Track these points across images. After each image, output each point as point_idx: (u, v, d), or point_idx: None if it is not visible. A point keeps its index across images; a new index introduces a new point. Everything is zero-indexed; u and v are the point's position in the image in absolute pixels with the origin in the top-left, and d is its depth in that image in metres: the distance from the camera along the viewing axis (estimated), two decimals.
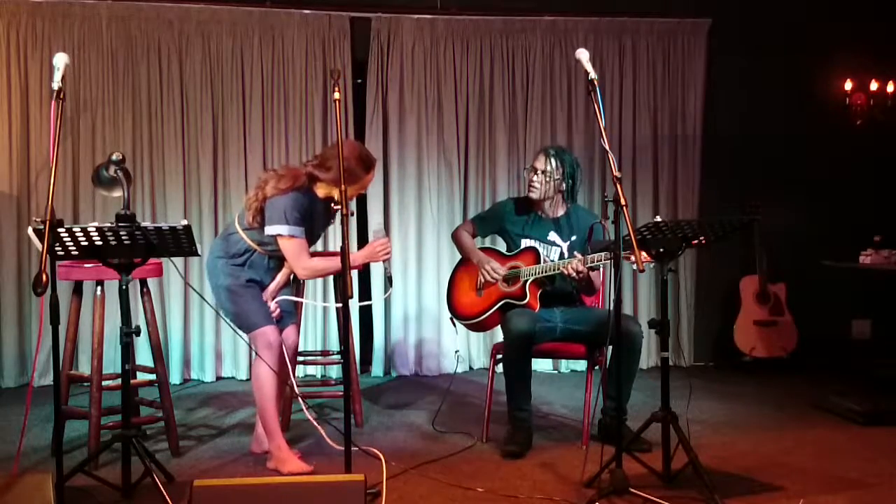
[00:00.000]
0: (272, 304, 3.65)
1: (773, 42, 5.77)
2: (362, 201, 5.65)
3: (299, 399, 3.75)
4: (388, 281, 3.57)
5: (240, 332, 3.62)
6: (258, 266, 3.60)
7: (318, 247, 4.78)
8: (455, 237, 4.26)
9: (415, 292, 5.71)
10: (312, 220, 3.57)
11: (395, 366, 5.73)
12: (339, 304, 3.97)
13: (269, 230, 3.46)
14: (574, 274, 3.74)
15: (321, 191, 3.57)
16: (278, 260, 3.64)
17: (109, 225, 2.97)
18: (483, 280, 4.00)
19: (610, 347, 3.83)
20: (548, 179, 3.99)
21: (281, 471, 3.46)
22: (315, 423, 3.63)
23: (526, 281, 3.91)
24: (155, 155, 5.40)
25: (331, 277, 4.98)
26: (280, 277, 3.71)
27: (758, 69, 5.80)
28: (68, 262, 3.48)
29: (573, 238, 4.05)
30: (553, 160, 3.98)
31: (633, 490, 3.12)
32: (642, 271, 3.06)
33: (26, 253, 5.26)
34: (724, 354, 5.82)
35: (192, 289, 5.28)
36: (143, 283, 3.80)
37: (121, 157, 3.56)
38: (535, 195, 4.04)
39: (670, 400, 3.27)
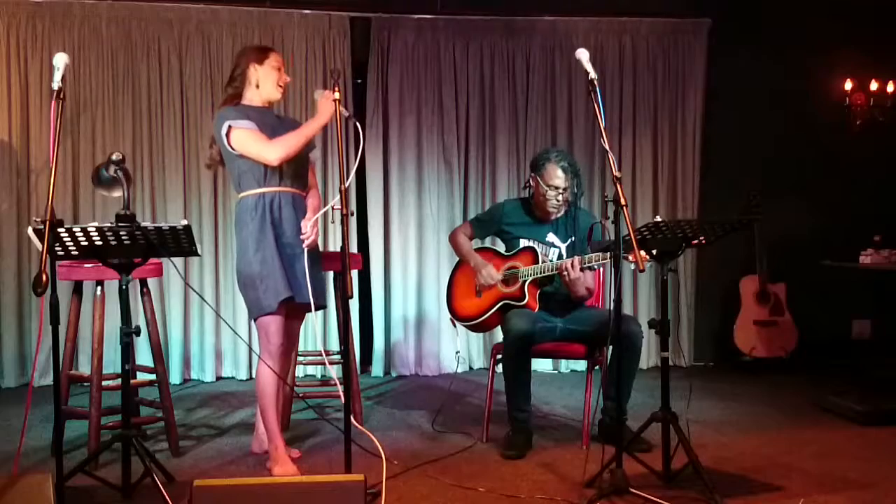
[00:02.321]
0: (309, 227, 3.46)
1: (773, 42, 5.77)
2: (362, 201, 5.66)
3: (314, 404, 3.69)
4: (350, 119, 3.40)
5: (239, 334, 3.59)
6: (277, 211, 3.41)
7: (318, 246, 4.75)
8: (452, 240, 4.26)
9: (415, 292, 5.71)
10: (263, 123, 3.42)
11: (395, 366, 5.73)
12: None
13: (223, 138, 3.35)
14: (568, 275, 3.74)
15: (255, 97, 3.48)
16: (291, 198, 3.46)
17: (109, 225, 2.97)
18: (480, 284, 4.02)
19: (610, 347, 3.83)
20: (566, 196, 3.99)
21: (272, 472, 3.46)
22: (333, 424, 3.53)
23: (525, 281, 3.91)
24: (155, 155, 5.40)
25: (331, 276, 4.96)
26: (311, 204, 3.55)
27: (758, 69, 5.79)
28: (68, 262, 3.48)
29: (572, 239, 4.05)
30: (571, 177, 3.95)
31: (633, 490, 3.11)
32: (642, 271, 3.06)
33: (26, 253, 5.27)
34: (724, 354, 5.82)
35: (192, 289, 5.28)
36: (143, 283, 3.80)
37: (121, 157, 3.56)
38: (555, 213, 4.04)
39: (670, 400, 3.27)
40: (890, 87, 5.56)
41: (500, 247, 4.25)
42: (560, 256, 4.02)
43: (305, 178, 3.58)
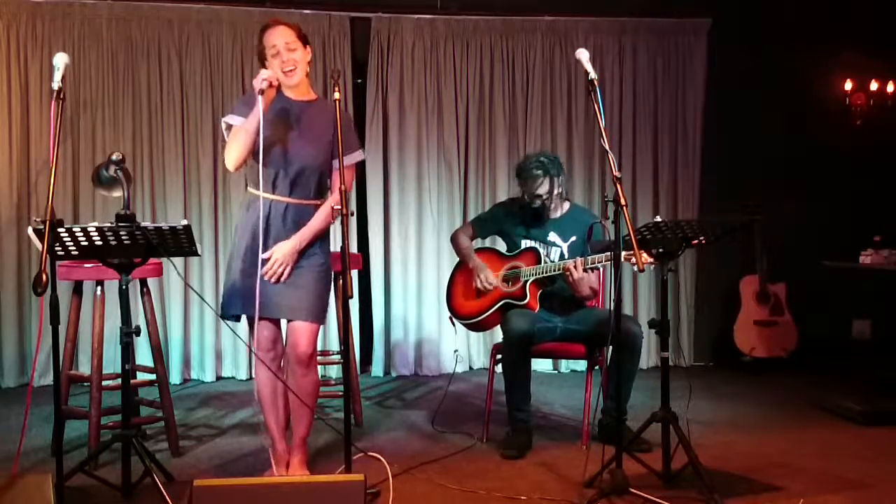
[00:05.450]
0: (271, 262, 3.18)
1: (774, 42, 5.77)
2: (362, 201, 5.66)
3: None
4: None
5: (239, 335, 3.55)
6: (264, 220, 3.20)
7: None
8: (453, 241, 4.26)
9: (415, 292, 5.70)
10: (277, 119, 3.22)
11: (395, 366, 5.73)
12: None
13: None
14: (572, 275, 3.74)
15: (292, 89, 3.29)
16: (284, 209, 3.24)
17: (109, 225, 2.96)
18: (477, 288, 4.02)
19: (610, 347, 3.83)
20: (552, 196, 3.99)
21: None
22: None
23: (526, 281, 3.91)
24: (155, 155, 5.40)
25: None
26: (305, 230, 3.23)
27: (758, 69, 5.79)
28: (68, 262, 3.48)
29: (573, 238, 4.05)
30: (547, 180, 3.93)
31: (633, 490, 3.12)
32: (642, 271, 3.06)
33: (26, 253, 5.26)
34: (724, 354, 5.82)
35: (192, 289, 5.28)
36: (143, 283, 3.79)
37: (121, 157, 3.55)
38: (553, 214, 4.04)
39: (670, 400, 3.27)
40: (890, 87, 5.56)
41: (501, 246, 4.25)
42: (562, 256, 4.02)
43: (312, 187, 3.28)
